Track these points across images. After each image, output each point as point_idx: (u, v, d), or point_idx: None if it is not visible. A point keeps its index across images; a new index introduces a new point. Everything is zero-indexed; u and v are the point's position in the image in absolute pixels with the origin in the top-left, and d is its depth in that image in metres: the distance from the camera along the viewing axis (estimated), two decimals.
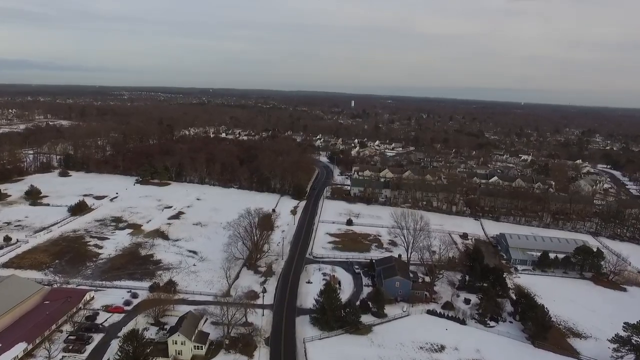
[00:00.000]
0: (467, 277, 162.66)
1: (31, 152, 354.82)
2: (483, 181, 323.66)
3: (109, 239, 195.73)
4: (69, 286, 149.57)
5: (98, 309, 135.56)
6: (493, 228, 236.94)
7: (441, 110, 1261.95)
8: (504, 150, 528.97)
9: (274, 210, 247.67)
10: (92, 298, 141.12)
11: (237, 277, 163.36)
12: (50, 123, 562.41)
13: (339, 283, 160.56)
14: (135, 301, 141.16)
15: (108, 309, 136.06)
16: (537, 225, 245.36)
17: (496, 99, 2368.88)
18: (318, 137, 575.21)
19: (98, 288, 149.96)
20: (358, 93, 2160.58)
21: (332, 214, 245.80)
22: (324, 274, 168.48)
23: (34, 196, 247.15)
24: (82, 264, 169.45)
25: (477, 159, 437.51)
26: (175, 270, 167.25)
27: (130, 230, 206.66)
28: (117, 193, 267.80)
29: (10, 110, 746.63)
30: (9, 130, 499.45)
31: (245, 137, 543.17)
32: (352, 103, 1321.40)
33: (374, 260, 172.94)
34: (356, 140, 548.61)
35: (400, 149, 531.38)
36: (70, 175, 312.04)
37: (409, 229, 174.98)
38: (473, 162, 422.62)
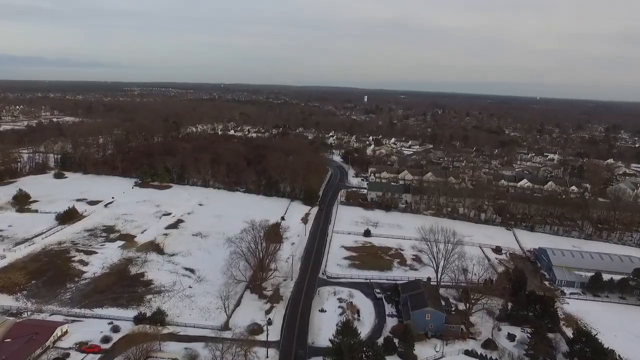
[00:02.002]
0: (509, 306, 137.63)
1: (26, 151, 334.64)
2: (511, 184, 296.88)
3: (96, 253, 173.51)
4: (40, 316, 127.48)
5: (69, 348, 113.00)
6: (528, 240, 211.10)
7: (456, 105, 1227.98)
8: (527, 149, 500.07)
9: (283, 218, 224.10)
10: (65, 333, 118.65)
11: (238, 303, 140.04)
12: (54, 120, 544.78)
13: (358, 312, 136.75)
14: (116, 337, 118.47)
15: (82, 348, 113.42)
16: (577, 236, 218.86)
17: (510, 94, 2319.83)
18: (331, 134, 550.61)
19: (74, 318, 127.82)
20: (370, 88, 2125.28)
21: (347, 223, 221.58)
22: (340, 300, 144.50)
23: (21, 201, 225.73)
24: (62, 285, 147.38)
25: (500, 159, 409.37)
26: (168, 294, 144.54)
27: (121, 243, 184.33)
28: (113, 197, 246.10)
29: (16, 107, 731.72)
30: (11, 127, 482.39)
31: (254, 135, 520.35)
32: (365, 98, 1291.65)
33: (398, 285, 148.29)
34: (371, 138, 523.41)
35: (417, 146, 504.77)
36: (66, 177, 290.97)
37: (438, 246, 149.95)
38: (497, 161, 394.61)
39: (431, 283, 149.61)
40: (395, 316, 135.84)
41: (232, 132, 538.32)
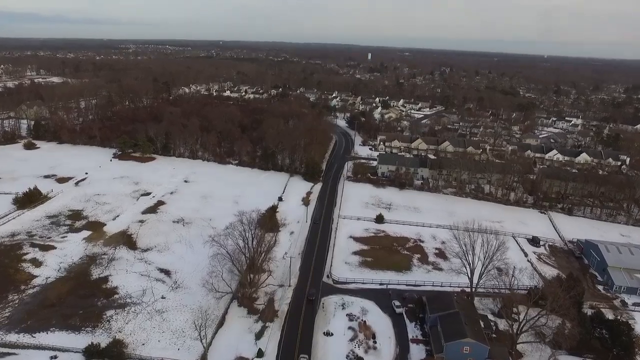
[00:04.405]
0: (566, 328, 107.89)
1: None
2: (538, 155, 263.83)
3: (55, 248, 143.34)
4: None
5: None
6: (567, 226, 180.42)
7: (462, 63, 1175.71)
8: (546, 112, 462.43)
9: (280, 199, 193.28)
10: None
11: (221, 322, 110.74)
12: (36, 81, 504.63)
13: (374, 336, 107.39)
14: None
15: None
16: (624, 222, 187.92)
17: (516, 52, 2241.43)
18: (333, 94, 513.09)
19: (7, 350, 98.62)
20: (373, 45, 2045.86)
21: (355, 205, 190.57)
22: (350, 317, 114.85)
23: None
24: (2, 297, 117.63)
25: (520, 124, 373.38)
26: (134, 309, 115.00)
27: (87, 234, 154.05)
28: (86, 173, 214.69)
29: None
30: None
31: (251, 96, 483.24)
32: (369, 56, 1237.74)
33: (423, 297, 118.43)
34: (377, 99, 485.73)
35: (428, 109, 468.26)
36: (38, 148, 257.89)
37: (474, 248, 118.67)
38: (517, 127, 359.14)
39: (465, 296, 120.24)
40: (421, 342, 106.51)
41: (227, 93, 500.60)
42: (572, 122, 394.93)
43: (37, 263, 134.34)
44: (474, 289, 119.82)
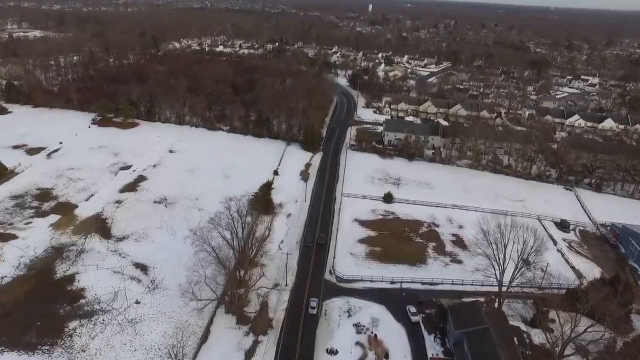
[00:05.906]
0: (617, 343, 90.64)
1: None
2: (557, 120, 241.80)
3: (16, 238, 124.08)
4: None
5: None
6: (597, 205, 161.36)
7: (467, 15, 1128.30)
8: (559, 70, 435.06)
9: (276, 173, 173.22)
10: None
11: (205, 336, 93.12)
12: (15, 35, 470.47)
13: (387, 355, 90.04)
14: None
15: None
16: None
17: (520, 2, 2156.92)
18: (333, 49, 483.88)
19: None
20: None
21: (360, 180, 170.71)
22: (358, 328, 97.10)
23: None
24: None
25: (534, 83, 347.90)
26: (102, 318, 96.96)
27: (55, 218, 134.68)
28: (60, 142, 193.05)
29: None
30: None
31: (246, 51, 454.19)
32: (370, 7, 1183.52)
33: (445, 305, 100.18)
34: (380, 55, 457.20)
35: (434, 65, 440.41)
36: (10, 112, 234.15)
37: (506, 246, 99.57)
38: (532, 87, 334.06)
39: (490, 297, 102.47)
40: None
41: (221, 48, 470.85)
42: (589, 81, 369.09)
43: None
44: (503, 291, 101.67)
